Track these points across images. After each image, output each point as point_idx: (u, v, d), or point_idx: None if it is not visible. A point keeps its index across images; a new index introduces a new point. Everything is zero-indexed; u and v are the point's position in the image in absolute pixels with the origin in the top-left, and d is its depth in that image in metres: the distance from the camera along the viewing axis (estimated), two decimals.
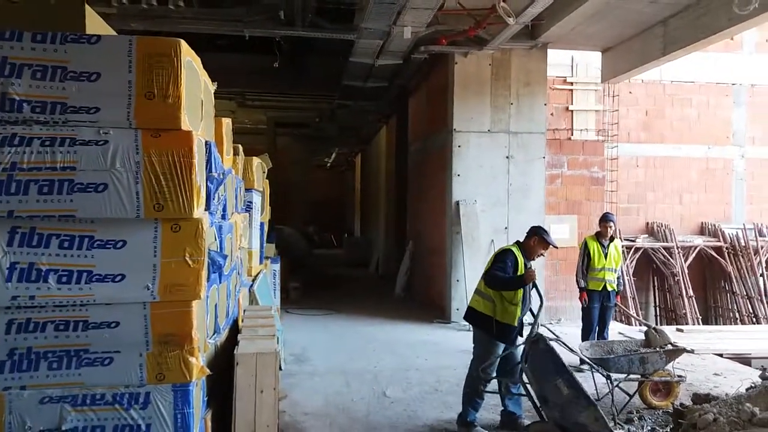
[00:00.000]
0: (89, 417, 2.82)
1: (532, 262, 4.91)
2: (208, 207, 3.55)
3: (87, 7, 3.27)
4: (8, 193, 2.72)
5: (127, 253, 2.88)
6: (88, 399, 2.82)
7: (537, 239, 4.82)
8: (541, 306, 4.66)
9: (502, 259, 4.77)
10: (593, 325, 6.89)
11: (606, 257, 6.79)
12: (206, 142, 3.54)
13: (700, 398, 4.07)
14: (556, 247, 4.83)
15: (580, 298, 6.93)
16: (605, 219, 6.92)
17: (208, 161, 3.56)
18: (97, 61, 2.82)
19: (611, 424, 3.93)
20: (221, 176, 3.92)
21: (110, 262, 2.85)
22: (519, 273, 4.70)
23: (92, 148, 2.81)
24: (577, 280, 6.98)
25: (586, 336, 6.83)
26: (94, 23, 3.35)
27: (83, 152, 2.80)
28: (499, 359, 4.71)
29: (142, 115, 2.86)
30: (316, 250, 20.99)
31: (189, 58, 3.07)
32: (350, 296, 12.09)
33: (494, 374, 4.74)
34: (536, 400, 4.26)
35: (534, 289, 4.72)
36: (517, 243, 4.96)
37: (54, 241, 2.80)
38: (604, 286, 6.78)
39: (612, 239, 6.90)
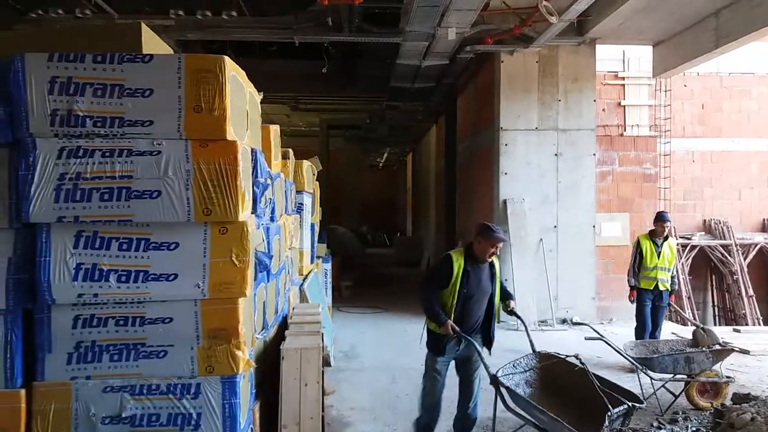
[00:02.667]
0: (146, 405, 3.06)
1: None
2: (254, 210, 3.77)
3: (143, 25, 3.54)
4: (74, 200, 2.99)
5: (179, 254, 3.10)
6: (145, 389, 3.06)
7: (481, 239, 4.25)
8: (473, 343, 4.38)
9: (436, 268, 4.41)
10: (646, 324, 6.77)
11: (659, 256, 6.68)
12: (252, 149, 3.76)
13: (739, 398, 4.01)
14: (504, 240, 4.28)
15: (629, 297, 6.86)
16: (661, 218, 6.78)
17: (255, 167, 3.77)
18: (150, 78, 3.06)
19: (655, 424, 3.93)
20: (267, 181, 4.13)
21: (164, 263, 3.09)
22: (455, 281, 4.22)
23: (147, 158, 3.06)
24: (628, 279, 6.91)
25: (639, 336, 6.73)
26: (149, 40, 3.61)
27: (139, 162, 3.05)
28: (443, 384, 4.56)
29: (191, 127, 3.08)
30: (369, 250, 21.25)
31: (233, 72, 3.27)
32: (400, 295, 12.24)
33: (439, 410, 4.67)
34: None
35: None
36: (466, 246, 4.42)
37: (114, 244, 3.05)
38: (656, 285, 6.68)
39: (666, 238, 6.77)
